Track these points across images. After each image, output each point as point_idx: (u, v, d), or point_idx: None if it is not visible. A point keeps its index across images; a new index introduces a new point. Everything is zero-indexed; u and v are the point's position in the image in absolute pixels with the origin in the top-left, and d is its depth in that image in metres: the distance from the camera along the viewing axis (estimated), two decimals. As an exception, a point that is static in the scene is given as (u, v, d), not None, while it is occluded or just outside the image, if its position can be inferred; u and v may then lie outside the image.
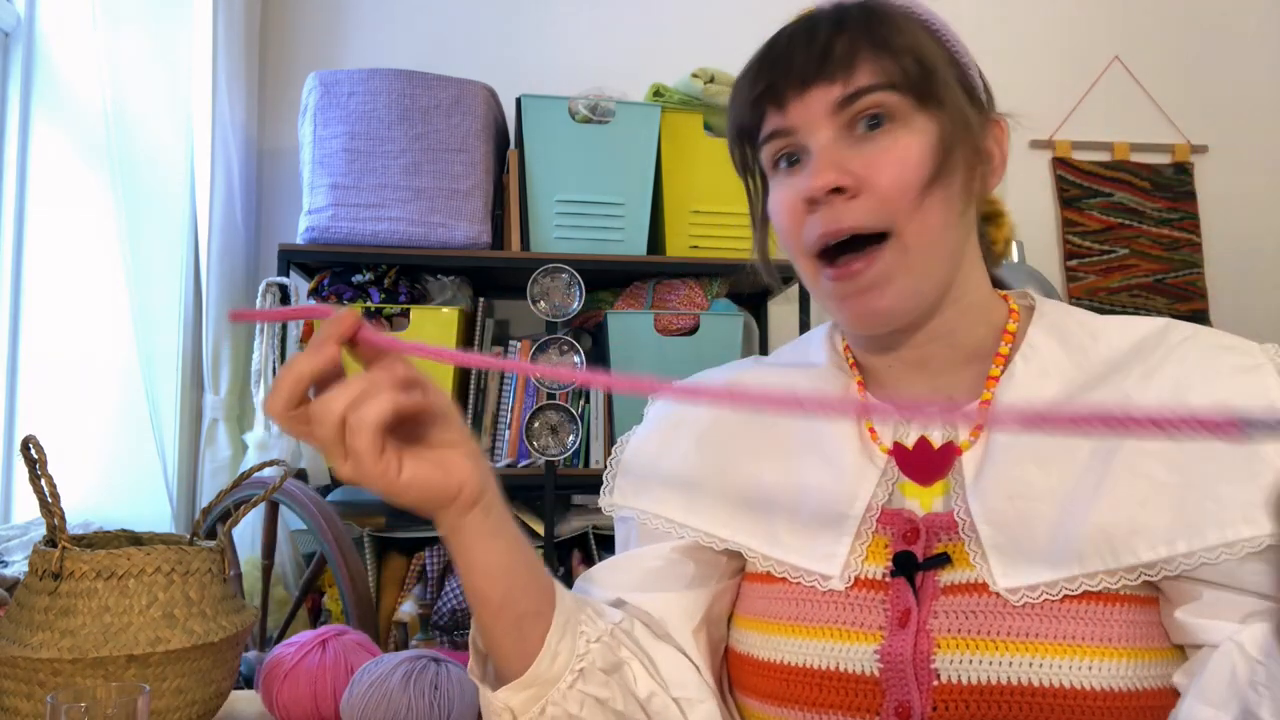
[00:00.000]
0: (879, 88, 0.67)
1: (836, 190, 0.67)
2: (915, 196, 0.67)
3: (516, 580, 0.66)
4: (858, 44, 0.68)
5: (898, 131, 0.68)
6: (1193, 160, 2.59)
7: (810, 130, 0.69)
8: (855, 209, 0.67)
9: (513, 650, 0.67)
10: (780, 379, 0.80)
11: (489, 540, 0.65)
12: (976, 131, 0.71)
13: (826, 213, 0.67)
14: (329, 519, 1.58)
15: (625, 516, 0.80)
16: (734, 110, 0.75)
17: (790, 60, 0.70)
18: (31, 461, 0.89)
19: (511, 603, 0.66)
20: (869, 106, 0.68)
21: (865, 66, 0.68)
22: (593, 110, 2.00)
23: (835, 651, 0.67)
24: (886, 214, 0.67)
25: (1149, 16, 2.61)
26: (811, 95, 0.69)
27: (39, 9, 1.99)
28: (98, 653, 0.84)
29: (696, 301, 2.07)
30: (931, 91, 0.68)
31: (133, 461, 1.94)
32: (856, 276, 0.68)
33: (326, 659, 0.97)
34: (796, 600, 0.70)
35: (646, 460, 0.81)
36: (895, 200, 0.66)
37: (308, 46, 2.31)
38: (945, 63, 0.70)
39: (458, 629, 1.90)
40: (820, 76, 0.68)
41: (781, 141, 0.71)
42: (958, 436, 0.71)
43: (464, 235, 1.95)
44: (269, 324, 1.88)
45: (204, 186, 1.99)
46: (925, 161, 0.67)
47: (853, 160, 0.67)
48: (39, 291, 1.96)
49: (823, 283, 0.70)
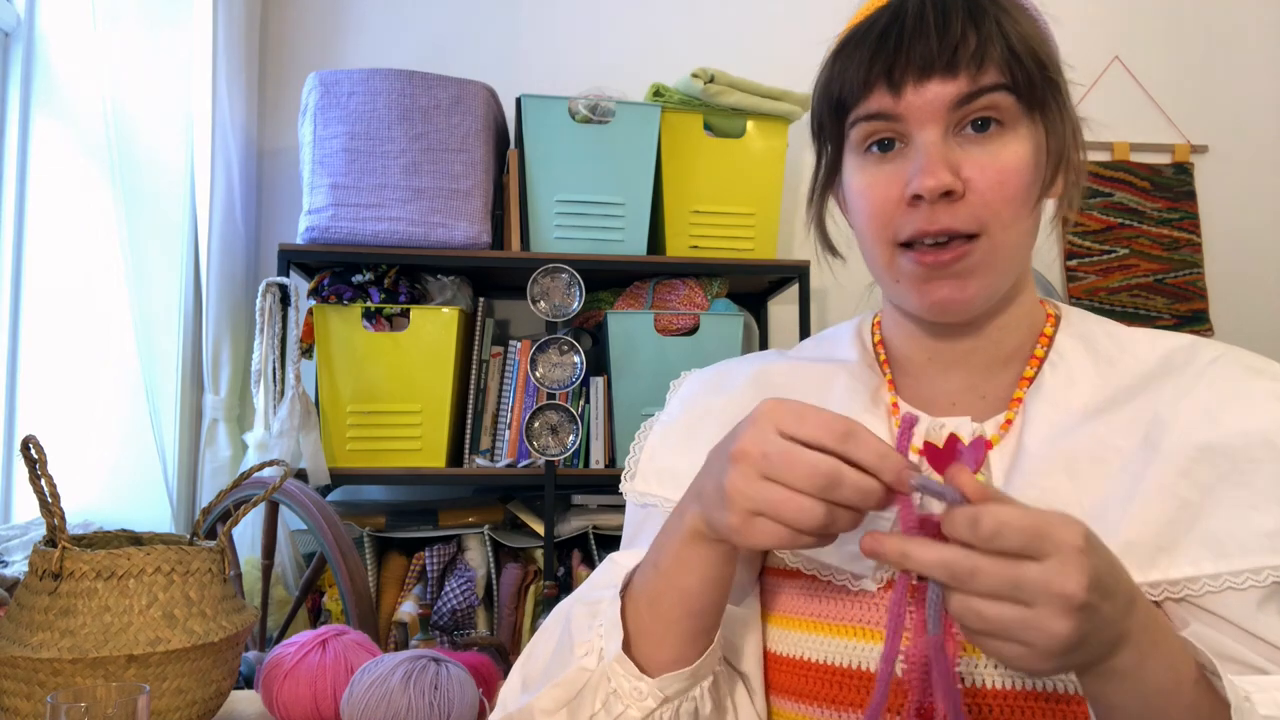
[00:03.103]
0: (1000, 88, 0.65)
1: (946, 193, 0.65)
2: (1020, 206, 0.66)
3: (721, 595, 0.66)
4: (990, 40, 0.65)
5: (1006, 136, 0.66)
6: (1193, 160, 2.59)
7: (920, 122, 0.66)
8: (957, 212, 0.66)
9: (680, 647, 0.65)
10: (807, 374, 0.79)
11: (726, 561, 0.64)
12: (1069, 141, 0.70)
13: (928, 211, 0.66)
14: (329, 519, 1.58)
15: (648, 504, 0.79)
16: (834, 78, 0.70)
17: (915, 42, 0.65)
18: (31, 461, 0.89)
19: (709, 611, 0.65)
20: (985, 107, 0.66)
21: (992, 65, 0.65)
22: (593, 110, 2.00)
23: (860, 650, 0.67)
24: (985, 219, 0.66)
25: (1149, 16, 2.61)
26: (930, 87, 0.65)
27: (39, 9, 1.99)
28: (98, 653, 0.84)
29: (696, 301, 2.07)
30: (1045, 97, 0.67)
31: (133, 461, 1.94)
32: (946, 265, 0.67)
33: (326, 659, 0.97)
34: (822, 597, 0.70)
35: (673, 448, 0.80)
36: (997, 208, 0.66)
37: (308, 46, 2.31)
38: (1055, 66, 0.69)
39: (458, 629, 1.90)
40: (945, 70, 0.65)
41: (882, 125, 0.68)
42: (987, 433, 0.71)
43: (464, 235, 1.95)
44: (269, 324, 1.88)
45: (204, 186, 1.99)
46: (1029, 171, 0.66)
47: (961, 162, 0.66)
48: (39, 291, 1.96)
49: (901, 264, 0.69)
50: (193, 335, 2.04)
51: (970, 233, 0.66)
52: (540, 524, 1.96)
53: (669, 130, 2.05)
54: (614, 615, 0.66)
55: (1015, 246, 0.68)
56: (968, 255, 0.66)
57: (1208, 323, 2.52)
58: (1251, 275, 2.58)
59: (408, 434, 1.94)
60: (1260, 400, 0.65)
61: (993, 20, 0.66)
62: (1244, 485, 0.62)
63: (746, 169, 2.08)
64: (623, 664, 0.65)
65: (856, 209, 0.71)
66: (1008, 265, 0.68)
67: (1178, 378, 0.68)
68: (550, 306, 1.95)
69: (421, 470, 1.94)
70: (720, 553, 0.63)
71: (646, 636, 0.66)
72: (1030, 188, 0.67)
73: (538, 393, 1.98)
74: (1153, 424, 0.66)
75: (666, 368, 1.95)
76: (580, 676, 0.66)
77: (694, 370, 0.88)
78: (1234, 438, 0.63)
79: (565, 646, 0.69)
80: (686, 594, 0.64)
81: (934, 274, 0.67)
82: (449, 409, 1.95)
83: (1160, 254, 2.55)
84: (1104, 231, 2.55)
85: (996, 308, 0.72)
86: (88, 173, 1.97)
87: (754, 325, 2.34)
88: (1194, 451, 0.64)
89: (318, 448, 1.87)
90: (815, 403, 0.74)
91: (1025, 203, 0.67)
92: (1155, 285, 2.54)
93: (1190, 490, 0.63)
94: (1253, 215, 2.60)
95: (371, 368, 1.93)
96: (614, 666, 0.65)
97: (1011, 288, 0.72)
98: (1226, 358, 0.69)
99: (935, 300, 0.68)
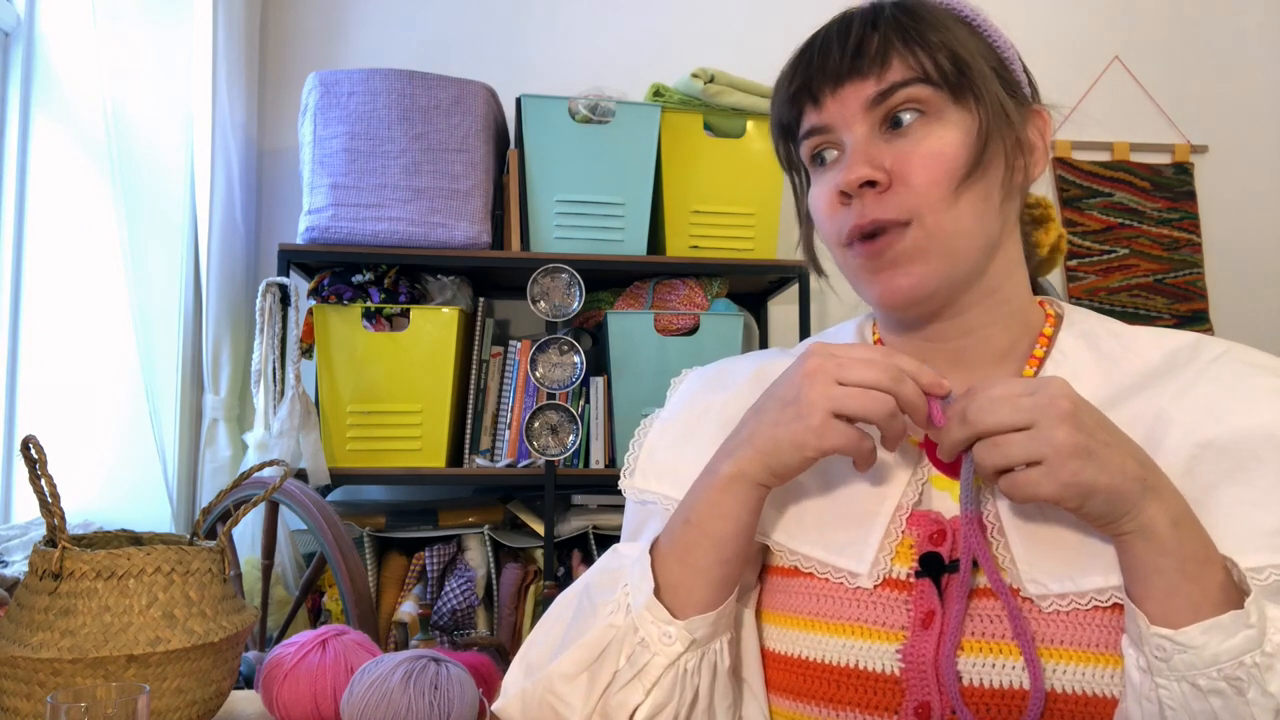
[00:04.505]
0: (912, 82, 0.69)
1: (869, 184, 0.69)
2: (947, 190, 0.68)
3: (748, 543, 0.70)
4: (890, 40, 0.70)
5: (931, 125, 0.69)
6: (1193, 160, 2.59)
7: (845, 126, 0.71)
8: (885, 202, 0.69)
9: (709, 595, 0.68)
10: None
11: (757, 509, 0.69)
12: (1016, 123, 0.71)
13: (857, 205, 0.70)
14: (329, 519, 1.58)
15: (648, 500, 0.80)
16: (774, 108, 0.78)
17: (825, 58, 0.72)
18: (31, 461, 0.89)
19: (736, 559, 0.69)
20: (902, 101, 0.69)
21: (898, 62, 0.69)
22: (593, 110, 2.00)
23: (856, 649, 0.67)
24: (914, 207, 0.68)
25: (1149, 16, 2.61)
26: (845, 92, 0.71)
27: (39, 9, 1.99)
28: (98, 653, 0.84)
29: (696, 301, 2.07)
30: (966, 85, 0.69)
31: (133, 461, 1.94)
32: (880, 254, 0.70)
33: (326, 659, 0.97)
34: (820, 596, 0.70)
35: (672, 445, 0.81)
36: (926, 193, 0.68)
37: (308, 46, 2.31)
38: (981, 55, 0.71)
39: (458, 629, 1.90)
40: (853, 73, 0.70)
41: (819, 138, 0.74)
42: None
43: (464, 235, 1.95)
44: (269, 324, 1.88)
45: (204, 186, 1.99)
46: (958, 155, 0.68)
47: (886, 155, 0.69)
48: (39, 291, 1.96)
49: (850, 262, 0.73)
50: (193, 335, 2.04)
51: (900, 220, 0.68)
52: (540, 524, 1.96)
53: (669, 130, 2.05)
54: (645, 567, 0.69)
55: (957, 232, 0.69)
56: (898, 241, 0.69)
57: (1208, 323, 2.52)
58: (1251, 275, 2.58)
59: (408, 434, 1.94)
60: (1263, 397, 0.65)
61: (892, 24, 0.70)
62: (1246, 483, 0.62)
63: (746, 169, 2.08)
64: (653, 609, 0.67)
65: (816, 222, 0.77)
66: (952, 250, 0.69)
67: (1180, 375, 0.68)
68: (550, 306, 1.95)
69: (421, 470, 1.94)
70: (755, 497, 0.68)
71: (675, 590, 0.68)
72: (958, 170, 0.68)
73: (538, 393, 1.98)
74: (1155, 422, 0.66)
75: (666, 368, 1.95)
76: (606, 634, 0.68)
77: (694, 368, 0.88)
78: (1236, 435, 0.64)
79: (586, 612, 0.71)
80: (719, 540, 0.68)
81: (875, 265, 0.71)
82: (449, 409, 1.95)
83: (1160, 254, 2.55)
84: (1104, 231, 2.55)
85: (970, 300, 0.72)
86: (88, 173, 1.97)
87: (754, 325, 2.34)
88: (1196, 449, 0.64)
89: (318, 448, 1.87)
90: None
91: (954, 185, 0.68)
92: (1155, 285, 2.54)
93: (1192, 488, 0.62)
94: (1253, 215, 2.60)
95: (371, 368, 1.93)
96: (644, 614, 0.67)
97: (985, 279, 0.72)
98: (1229, 355, 0.69)
99: (884, 290, 0.71)
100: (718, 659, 0.69)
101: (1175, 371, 0.68)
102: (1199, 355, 0.69)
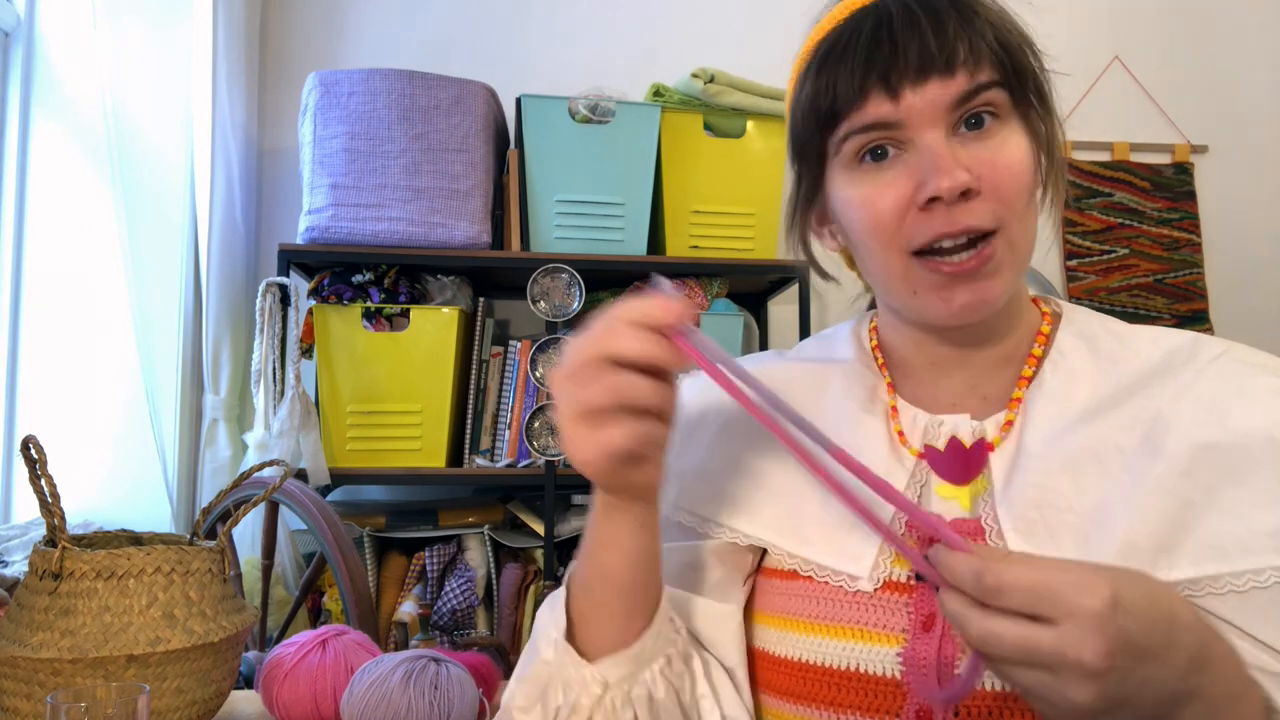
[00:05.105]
0: (995, 84, 0.65)
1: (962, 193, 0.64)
2: (1028, 199, 0.67)
3: (645, 569, 0.67)
4: (983, 36, 0.65)
5: (1004, 131, 0.66)
6: (1193, 160, 2.59)
7: (920, 126, 0.65)
8: (975, 210, 0.65)
9: (617, 629, 0.67)
10: (804, 375, 0.79)
11: (641, 531, 0.66)
12: (1056, 135, 0.71)
13: (945, 213, 0.64)
14: (329, 519, 1.58)
15: None
16: (821, 91, 0.68)
17: (908, 44, 0.64)
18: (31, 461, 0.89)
19: (636, 587, 0.67)
20: (985, 103, 0.65)
21: (986, 62, 0.65)
22: (593, 110, 2.00)
23: (857, 652, 0.67)
24: (1002, 215, 0.65)
25: (1149, 16, 2.61)
26: (929, 87, 0.65)
27: (39, 9, 1.99)
28: (98, 653, 0.84)
29: (696, 301, 2.07)
30: (1034, 90, 0.68)
31: (133, 461, 1.94)
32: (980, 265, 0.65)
33: (326, 659, 0.97)
34: (819, 599, 0.70)
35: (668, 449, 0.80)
36: (1012, 201, 0.66)
37: (308, 46, 2.31)
38: (1040, 63, 0.70)
39: (458, 629, 1.90)
40: (943, 68, 0.64)
41: (880, 134, 0.66)
42: (988, 433, 0.71)
43: (464, 235, 1.95)
44: (269, 324, 1.88)
45: (204, 186, 1.99)
46: (1032, 163, 0.67)
47: (970, 160, 0.65)
48: (39, 291, 1.96)
49: (918, 273, 0.67)
50: (193, 335, 2.04)
51: (988, 229, 0.65)
52: (540, 524, 1.96)
53: (669, 130, 2.05)
54: (557, 605, 0.69)
55: (1029, 240, 0.68)
56: (993, 255, 0.65)
57: (1208, 323, 2.52)
58: (1251, 275, 2.58)
59: (408, 434, 1.94)
60: (1262, 397, 0.64)
61: (982, 18, 0.66)
62: (1245, 484, 0.62)
63: (746, 169, 2.08)
64: (566, 652, 0.66)
65: (854, 221, 0.69)
66: (1022, 261, 0.69)
67: (1179, 375, 0.67)
68: (550, 306, 1.95)
69: (421, 470, 1.94)
70: (629, 521, 0.65)
71: (586, 622, 0.67)
72: (1034, 180, 0.68)
73: (538, 393, 1.98)
74: (1154, 422, 0.65)
75: (666, 368, 1.94)
76: (544, 670, 0.67)
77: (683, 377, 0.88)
78: (1236, 436, 0.63)
79: (533, 643, 0.71)
80: (610, 571, 0.66)
81: (957, 280, 0.66)
82: (449, 409, 1.95)
83: (1160, 254, 2.55)
84: (1104, 231, 2.55)
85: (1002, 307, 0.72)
86: (88, 173, 1.98)
87: (754, 325, 2.34)
88: (1195, 450, 0.63)
89: (318, 448, 1.87)
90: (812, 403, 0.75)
91: (1031, 194, 0.67)
92: (1155, 285, 2.54)
93: (1192, 490, 0.62)
94: (1253, 215, 2.60)
95: (371, 368, 1.93)
96: (562, 656, 0.66)
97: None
98: (1228, 355, 0.68)
99: (960, 305, 0.67)
100: (650, 689, 0.67)
101: (1174, 371, 0.68)
102: (1198, 355, 0.69)
